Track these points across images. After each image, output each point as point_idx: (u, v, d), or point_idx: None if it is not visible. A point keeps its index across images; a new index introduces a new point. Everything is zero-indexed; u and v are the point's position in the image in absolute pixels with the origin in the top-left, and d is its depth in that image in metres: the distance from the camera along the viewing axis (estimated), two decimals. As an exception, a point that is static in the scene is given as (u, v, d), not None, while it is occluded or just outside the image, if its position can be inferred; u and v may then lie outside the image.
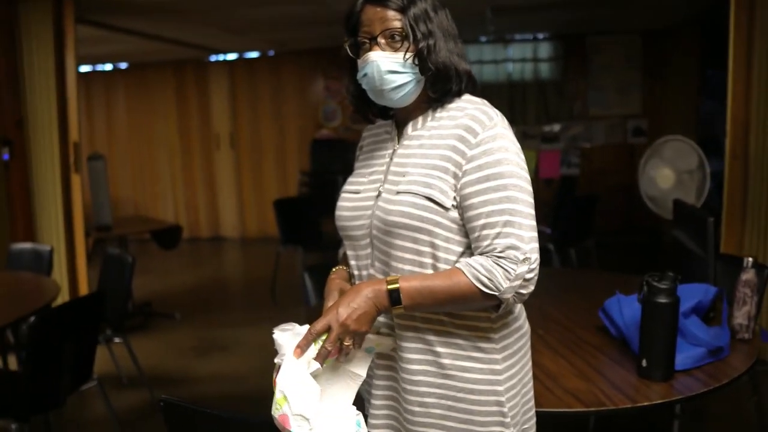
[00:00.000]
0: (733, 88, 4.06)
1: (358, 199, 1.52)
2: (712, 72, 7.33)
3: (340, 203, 1.56)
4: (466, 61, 1.49)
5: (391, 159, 1.51)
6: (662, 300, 1.96)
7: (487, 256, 1.35)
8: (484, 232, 1.36)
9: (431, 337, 1.44)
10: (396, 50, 1.42)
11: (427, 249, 1.41)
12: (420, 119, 1.50)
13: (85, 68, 9.38)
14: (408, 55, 1.42)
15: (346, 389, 1.41)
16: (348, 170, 1.65)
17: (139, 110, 9.59)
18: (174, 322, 5.68)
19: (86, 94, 9.40)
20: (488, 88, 8.40)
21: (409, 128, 1.51)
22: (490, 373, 1.44)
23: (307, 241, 6.14)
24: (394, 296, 1.35)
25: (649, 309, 1.99)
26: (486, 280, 1.33)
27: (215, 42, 8.02)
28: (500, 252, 1.34)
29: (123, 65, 9.60)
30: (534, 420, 1.57)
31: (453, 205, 1.39)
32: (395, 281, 1.36)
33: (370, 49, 1.44)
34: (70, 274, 5.22)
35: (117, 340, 4.20)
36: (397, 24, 1.42)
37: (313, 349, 1.34)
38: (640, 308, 2.03)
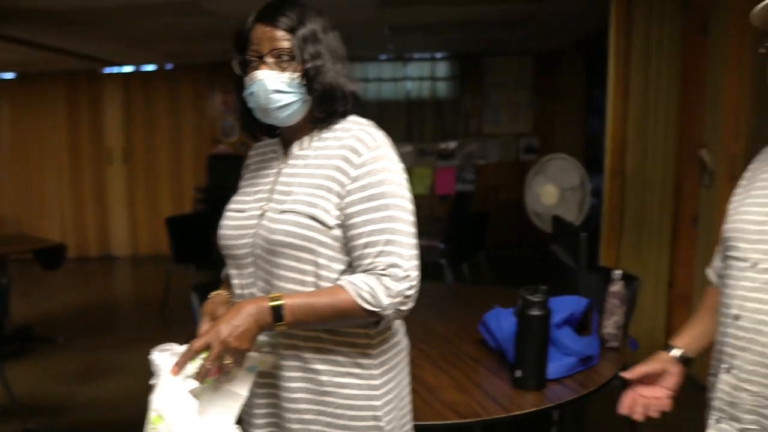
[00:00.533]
0: (612, 107, 4.27)
1: (242, 218, 1.51)
2: (597, 92, 7.70)
3: (224, 222, 1.55)
4: (353, 82, 1.52)
5: (277, 178, 1.51)
6: (534, 312, 2.03)
7: (369, 274, 1.38)
8: (366, 250, 1.39)
9: (310, 355, 1.44)
10: (283, 70, 1.43)
11: (310, 267, 1.41)
12: (306, 139, 1.51)
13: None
14: (295, 75, 1.43)
15: (226, 409, 1.39)
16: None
17: (26, 122, 9.12)
18: (56, 347, 5.41)
19: (-34, 104, 8.90)
20: (387, 105, 8.53)
21: (295, 147, 1.51)
22: (368, 389, 1.45)
23: (199, 260, 6.01)
24: (276, 313, 1.35)
25: (522, 321, 2.05)
26: (368, 297, 1.35)
27: (109, 53, 7.76)
28: (382, 270, 1.37)
29: (8, 75, 9.14)
30: None
31: (336, 224, 1.41)
32: (278, 298, 1.36)
33: (257, 68, 1.44)
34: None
35: (-10, 366, 3.96)
36: (286, 44, 1.43)
37: (192, 367, 1.31)
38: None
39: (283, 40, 1.43)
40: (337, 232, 1.41)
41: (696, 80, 4.08)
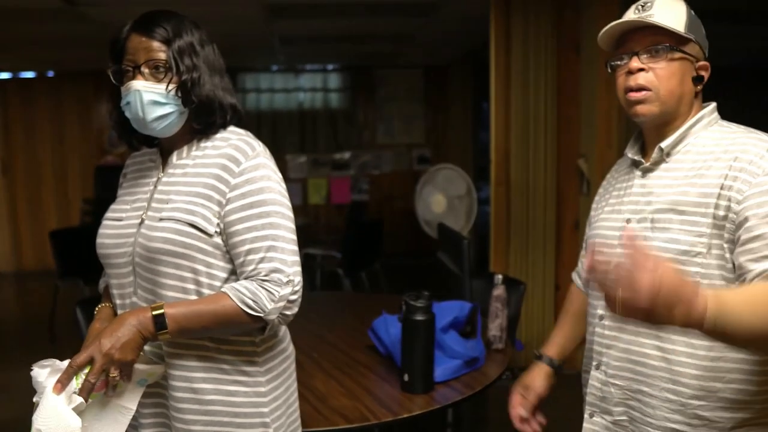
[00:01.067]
0: (495, 120, 4.46)
1: (120, 227, 1.51)
2: (486, 104, 7.97)
3: (102, 230, 1.54)
4: (231, 94, 1.54)
5: (155, 186, 1.51)
6: (418, 317, 2.11)
7: (251, 280, 1.41)
8: (249, 257, 1.41)
9: (196, 363, 1.45)
10: (159, 81, 1.44)
11: (190, 275, 1.42)
12: (185, 148, 1.52)
13: None
14: (171, 86, 1.44)
15: (114, 424, 1.37)
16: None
17: None
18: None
19: None
20: (279, 116, 8.51)
21: (174, 157, 1.52)
22: (255, 396, 1.48)
23: (87, 274, 5.80)
24: (159, 322, 1.35)
25: (407, 326, 2.13)
26: (251, 302, 1.38)
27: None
28: (265, 276, 1.40)
29: None
30: None
31: (216, 232, 1.43)
32: (160, 307, 1.36)
33: (133, 78, 1.44)
34: None
35: None
36: (162, 55, 1.43)
37: (76, 383, 1.29)
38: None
39: (159, 51, 1.43)
40: (218, 239, 1.43)
41: (571, 94, 4.34)
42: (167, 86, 1.44)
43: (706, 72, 1.46)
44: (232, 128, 1.53)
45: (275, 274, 1.41)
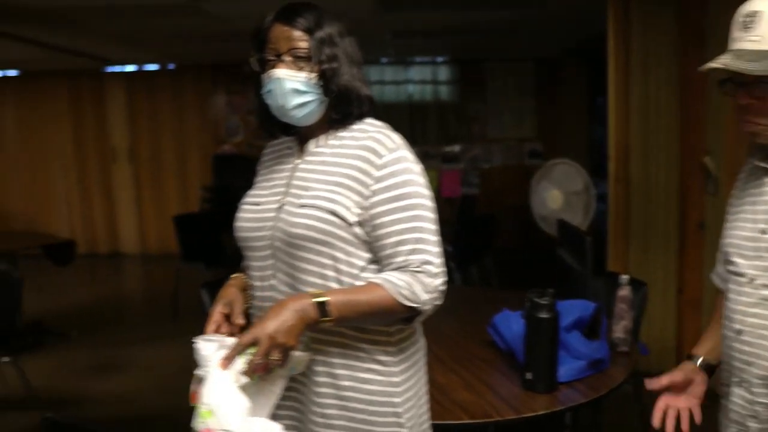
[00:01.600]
0: (614, 114, 4.32)
1: (258, 211, 1.55)
2: (601, 98, 7.74)
3: (240, 215, 1.58)
4: (367, 87, 1.56)
5: (293, 173, 1.55)
6: (543, 315, 2.08)
7: (403, 271, 1.43)
8: (398, 248, 1.44)
9: (334, 349, 1.48)
10: (300, 69, 1.47)
11: (330, 262, 1.45)
12: (322, 137, 1.55)
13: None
14: (311, 75, 1.47)
15: (261, 408, 1.39)
16: (251, 186, 1.67)
17: (31, 120, 9.17)
18: (69, 341, 5.48)
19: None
20: (389, 108, 8.57)
21: (311, 145, 1.55)
22: (388, 385, 1.50)
23: (208, 258, 6.06)
24: (322, 309, 1.37)
25: (531, 324, 2.10)
26: (407, 294, 1.41)
27: (111, 52, 7.81)
28: (416, 267, 1.43)
29: (12, 72, 9.19)
30: None
31: (356, 222, 1.45)
32: (322, 294, 1.39)
33: (275, 66, 1.48)
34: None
35: (5, 359, 4.02)
36: (304, 44, 1.47)
37: (240, 362, 1.32)
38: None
39: (301, 40, 1.46)
40: (357, 229, 1.45)
41: (696, 89, 4.13)
42: (308, 75, 1.47)
43: None
44: (369, 120, 1.55)
45: (426, 266, 1.43)
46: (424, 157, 8.42)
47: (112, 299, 7.20)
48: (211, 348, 1.34)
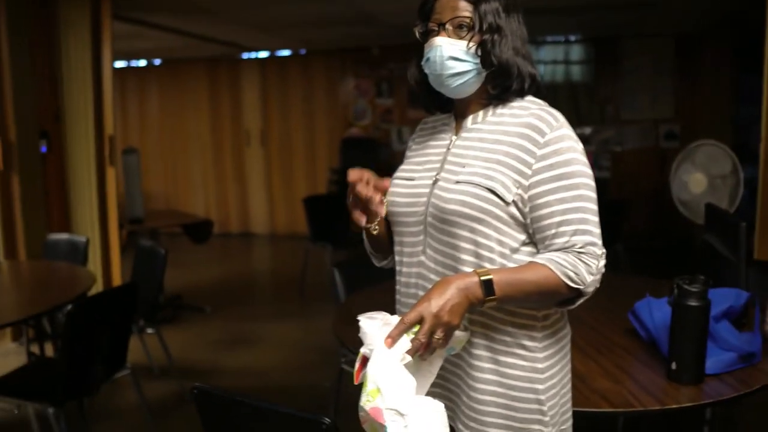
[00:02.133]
0: (768, 92, 4.02)
1: (412, 186, 1.54)
2: (746, 76, 7.24)
3: (394, 189, 1.57)
4: (532, 65, 1.51)
5: (449, 149, 1.53)
6: (693, 303, 1.96)
7: (566, 252, 1.39)
8: (561, 228, 1.39)
9: (485, 331, 1.46)
10: (461, 38, 1.45)
11: (484, 240, 1.42)
12: (480, 113, 1.51)
13: (119, 64, 9.54)
14: (471, 44, 1.45)
15: (421, 386, 1.36)
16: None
17: (172, 106, 9.71)
18: (204, 316, 5.77)
19: (121, 89, 9.51)
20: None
21: (469, 121, 1.52)
22: (532, 371, 1.46)
23: (335, 239, 6.19)
24: (487, 287, 1.34)
25: (679, 312, 1.99)
26: (573, 275, 1.37)
27: (247, 40, 8.10)
28: (581, 248, 1.38)
29: (157, 61, 9.73)
30: (571, 421, 1.58)
31: (513, 201, 1.41)
32: (487, 273, 1.35)
33: (437, 35, 1.47)
34: (105, 265, 5.33)
35: (149, 330, 4.27)
36: (467, 14, 1.45)
37: (404, 340, 1.29)
38: (671, 311, 2.03)
39: (465, 10, 1.44)
40: (514, 209, 1.41)
41: None
42: (468, 43, 1.45)
43: None
44: (529, 98, 1.50)
45: (591, 247, 1.39)
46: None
47: (244, 277, 7.50)
48: (375, 326, 1.31)
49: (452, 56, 1.45)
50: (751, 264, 2.96)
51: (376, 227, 1.57)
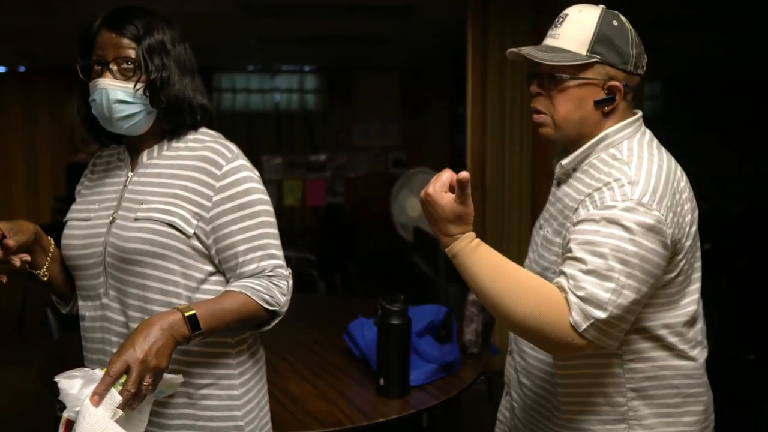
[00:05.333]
0: (471, 124, 4.48)
1: (88, 227, 1.48)
2: (462, 109, 7.99)
3: (69, 231, 1.50)
4: (203, 95, 1.52)
5: (125, 186, 1.49)
6: (395, 321, 2.11)
7: (258, 277, 1.43)
8: (249, 256, 1.43)
9: (180, 368, 1.42)
10: (127, 79, 1.41)
11: (168, 276, 1.41)
12: (155, 148, 1.50)
13: None
14: (139, 86, 1.41)
15: None
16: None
17: None
18: None
19: None
20: (255, 116, 8.47)
21: (144, 156, 1.50)
22: (228, 399, 1.47)
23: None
24: (192, 323, 1.31)
25: (383, 330, 2.13)
26: (269, 298, 1.41)
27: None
28: (270, 272, 1.44)
29: None
30: None
31: (194, 234, 1.41)
32: (189, 308, 1.32)
33: (101, 75, 1.41)
34: None
35: None
36: (131, 53, 1.41)
37: (112, 394, 1.20)
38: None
39: (129, 48, 1.41)
40: (196, 241, 1.42)
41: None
42: (135, 85, 1.41)
43: (619, 90, 1.41)
44: (203, 130, 1.52)
45: (279, 270, 1.46)
46: (289, 166, 8.38)
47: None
48: (76, 385, 1.21)
49: (119, 99, 1.41)
50: (459, 281, 3.24)
51: (46, 273, 1.48)
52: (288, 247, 1.62)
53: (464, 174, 1.29)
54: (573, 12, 1.45)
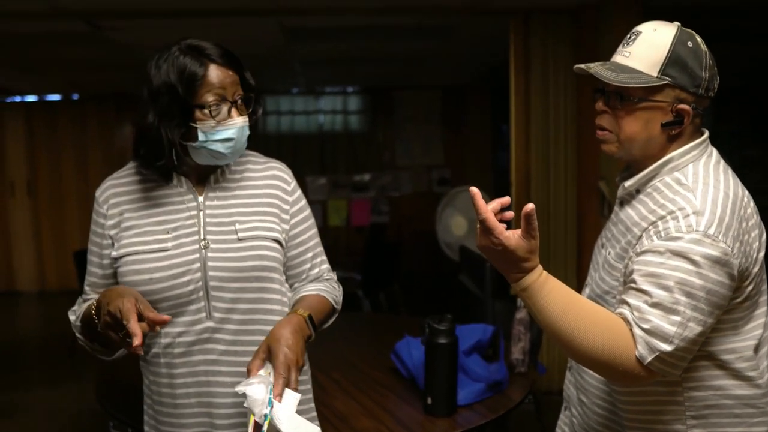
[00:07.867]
0: (515, 141, 4.46)
1: (172, 256, 1.47)
2: (505, 126, 7.96)
3: (146, 265, 1.46)
4: None
5: (201, 210, 1.51)
6: (442, 341, 2.11)
7: (320, 281, 1.61)
8: (315, 260, 1.62)
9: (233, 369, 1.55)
10: (247, 114, 1.51)
11: (279, 286, 1.55)
12: (218, 171, 1.54)
13: None
14: (251, 120, 1.53)
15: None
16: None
17: None
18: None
19: None
20: (299, 138, 8.56)
21: (212, 180, 1.54)
22: None
23: (109, 294, 5.84)
24: (312, 324, 1.45)
25: (430, 349, 2.13)
26: (337, 298, 1.63)
27: (10, 82, 7.51)
28: (328, 274, 1.66)
29: None
30: None
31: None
32: (304, 311, 1.46)
33: (229, 113, 1.44)
34: None
35: None
36: (242, 89, 1.49)
37: (288, 392, 1.31)
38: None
39: (240, 84, 1.48)
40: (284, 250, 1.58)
41: (592, 116, 4.32)
42: (250, 119, 1.53)
43: (688, 113, 1.36)
44: (248, 151, 1.61)
45: (330, 272, 1.68)
46: (334, 186, 8.44)
47: (5, 340, 6.81)
48: (260, 390, 1.29)
49: (247, 135, 1.51)
50: (504, 299, 3.23)
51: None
52: (333, 266, 1.70)
53: (530, 207, 1.25)
54: (647, 30, 1.39)
